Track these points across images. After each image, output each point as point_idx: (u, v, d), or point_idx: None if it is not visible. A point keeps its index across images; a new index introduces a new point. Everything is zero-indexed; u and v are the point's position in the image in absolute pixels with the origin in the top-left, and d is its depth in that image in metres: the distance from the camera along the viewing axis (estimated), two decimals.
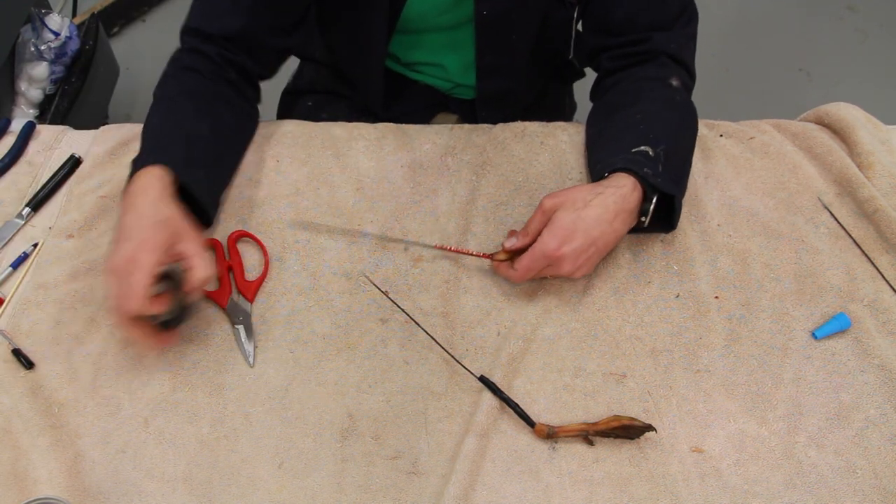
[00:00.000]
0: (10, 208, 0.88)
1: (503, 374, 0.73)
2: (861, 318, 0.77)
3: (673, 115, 0.83)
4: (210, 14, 0.85)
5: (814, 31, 2.29)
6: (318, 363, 0.75)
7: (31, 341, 0.76)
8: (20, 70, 1.58)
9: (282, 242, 0.83)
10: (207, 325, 0.77)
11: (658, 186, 0.75)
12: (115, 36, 2.24)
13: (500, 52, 0.95)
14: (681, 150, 0.82)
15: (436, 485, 0.68)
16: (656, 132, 0.79)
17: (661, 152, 0.77)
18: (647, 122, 0.81)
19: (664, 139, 0.79)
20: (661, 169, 0.76)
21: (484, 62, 0.97)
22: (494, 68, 0.98)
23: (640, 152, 0.77)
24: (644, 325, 0.77)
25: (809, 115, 0.98)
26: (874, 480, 0.68)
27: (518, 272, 0.75)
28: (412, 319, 0.77)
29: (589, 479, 0.68)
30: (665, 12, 0.86)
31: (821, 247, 0.83)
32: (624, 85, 0.87)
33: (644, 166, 0.75)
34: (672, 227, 0.81)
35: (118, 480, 0.68)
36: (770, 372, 0.74)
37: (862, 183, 0.86)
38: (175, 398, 0.73)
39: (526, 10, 0.90)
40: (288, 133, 0.94)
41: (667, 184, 0.76)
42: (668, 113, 0.83)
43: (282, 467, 0.69)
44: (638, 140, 0.78)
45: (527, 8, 0.90)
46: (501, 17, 0.90)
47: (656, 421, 0.71)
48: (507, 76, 1.00)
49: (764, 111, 1.11)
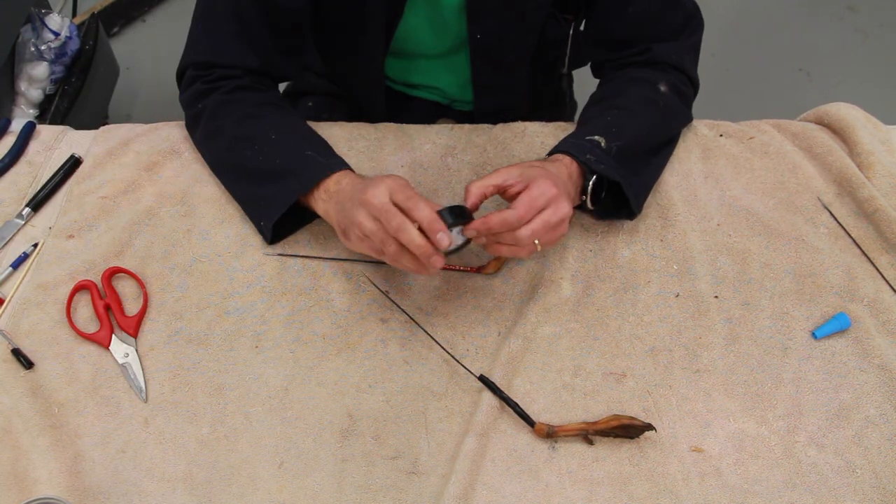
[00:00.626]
0: (10, 208, 0.88)
1: (503, 374, 0.73)
2: (861, 318, 0.77)
3: (648, 114, 0.84)
4: (221, 47, 0.84)
5: (814, 31, 2.29)
6: (318, 363, 0.75)
7: (31, 341, 0.76)
8: (20, 70, 1.58)
9: (282, 242, 0.83)
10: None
11: (598, 171, 0.76)
12: (115, 36, 2.24)
13: (497, 73, 0.95)
14: (643, 146, 0.83)
15: (436, 484, 0.68)
16: (621, 126, 0.80)
17: (616, 146, 0.78)
18: (617, 117, 0.82)
19: (626, 135, 0.79)
20: (612, 159, 0.77)
21: (480, 82, 0.96)
22: (491, 87, 0.97)
23: (592, 140, 0.78)
24: (644, 324, 0.78)
25: (809, 115, 0.98)
26: (874, 480, 0.68)
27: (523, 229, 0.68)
28: (412, 319, 0.77)
29: (589, 479, 0.68)
30: (667, 26, 0.86)
31: (821, 246, 0.83)
32: (615, 83, 0.87)
33: (588, 153, 0.76)
34: (633, 213, 0.82)
35: (118, 480, 0.68)
36: (770, 371, 0.74)
37: (862, 183, 0.86)
38: (175, 398, 0.73)
39: (520, 30, 0.89)
40: None
41: (610, 170, 0.76)
42: (644, 111, 0.83)
43: (282, 467, 0.69)
44: (597, 131, 0.79)
45: (521, 28, 0.89)
46: (496, 39, 0.89)
47: (656, 420, 0.71)
48: (504, 94, 0.99)
49: (764, 111, 1.11)
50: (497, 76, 0.95)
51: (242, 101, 0.83)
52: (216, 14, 0.83)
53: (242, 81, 0.84)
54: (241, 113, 0.82)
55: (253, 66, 0.84)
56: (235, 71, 0.84)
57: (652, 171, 0.85)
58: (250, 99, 0.83)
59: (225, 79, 0.84)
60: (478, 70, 0.94)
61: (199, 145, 0.89)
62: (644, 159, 0.83)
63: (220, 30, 0.83)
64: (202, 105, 0.84)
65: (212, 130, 0.85)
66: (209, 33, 0.84)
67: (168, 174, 0.90)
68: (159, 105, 2.09)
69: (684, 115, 0.90)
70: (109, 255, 0.82)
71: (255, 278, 0.81)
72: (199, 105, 0.85)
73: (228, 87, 0.83)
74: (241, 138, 0.81)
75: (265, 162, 0.79)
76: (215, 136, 0.85)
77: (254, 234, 0.84)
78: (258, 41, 0.83)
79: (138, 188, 0.89)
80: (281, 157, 0.79)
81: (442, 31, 0.90)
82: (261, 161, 0.80)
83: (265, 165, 0.80)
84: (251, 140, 0.81)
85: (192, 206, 0.87)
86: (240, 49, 0.83)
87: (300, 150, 0.79)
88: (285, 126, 0.83)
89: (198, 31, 0.85)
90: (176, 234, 0.85)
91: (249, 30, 0.82)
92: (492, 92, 0.98)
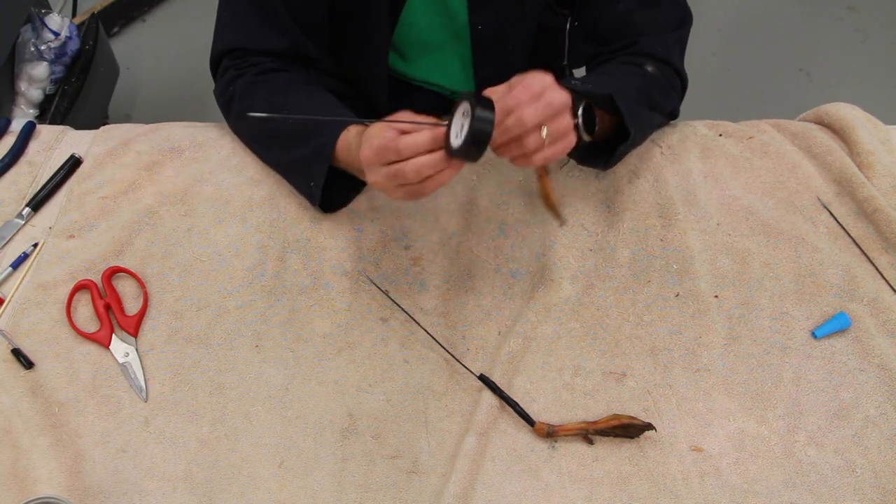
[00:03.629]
0: (10, 208, 0.88)
1: (503, 373, 0.73)
2: (861, 318, 0.77)
3: (632, 77, 0.81)
4: (248, 33, 0.85)
5: (814, 31, 2.29)
6: (319, 362, 0.75)
7: (31, 341, 0.76)
8: (20, 70, 1.58)
9: (283, 241, 0.84)
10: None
11: (585, 90, 0.71)
12: (115, 36, 2.24)
13: (497, 64, 0.95)
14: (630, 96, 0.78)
15: (436, 484, 0.68)
16: (602, 81, 0.77)
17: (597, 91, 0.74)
18: (599, 77, 0.80)
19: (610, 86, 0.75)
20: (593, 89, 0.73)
21: (482, 74, 0.97)
22: (492, 79, 0.97)
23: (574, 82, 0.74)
24: (644, 324, 0.78)
25: (809, 115, 0.98)
26: (874, 479, 0.68)
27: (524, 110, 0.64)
28: (412, 318, 0.77)
29: (589, 478, 0.68)
30: (654, 20, 0.86)
31: (820, 246, 0.83)
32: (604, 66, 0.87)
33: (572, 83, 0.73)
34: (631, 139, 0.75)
35: (118, 480, 0.68)
36: (770, 371, 0.74)
37: (861, 183, 0.86)
38: (175, 397, 0.73)
39: (520, 21, 0.90)
40: None
41: (598, 87, 0.72)
42: (628, 75, 0.82)
43: (282, 466, 0.69)
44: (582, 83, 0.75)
45: (520, 19, 0.90)
46: (496, 30, 0.90)
47: (656, 420, 0.71)
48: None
49: (764, 111, 1.11)
50: (498, 67, 0.95)
51: (270, 81, 0.84)
52: (238, 1, 0.84)
53: (271, 65, 0.85)
54: (269, 90, 0.83)
55: (281, 49, 0.85)
56: (264, 57, 0.85)
57: (643, 114, 0.79)
58: (278, 79, 0.84)
59: (254, 64, 0.85)
60: (479, 62, 0.94)
61: (234, 129, 0.91)
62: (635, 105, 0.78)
63: (244, 15, 0.84)
64: (232, 89, 0.85)
65: (242, 111, 0.85)
66: (234, 20, 0.86)
67: (168, 174, 0.90)
68: (159, 105, 2.09)
69: (672, 98, 0.88)
70: (109, 254, 0.82)
71: (255, 277, 0.81)
72: (230, 89, 0.86)
73: (256, 71, 0.84)
74: (274, 110, 0.82)
75: (295, 125, 0.79)
76: (245, 115, 0.85)
77: (253, 233, 0.84)
78: (282, 23, 0.84)
79: (138, 188, 0.89)
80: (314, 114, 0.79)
81: (445, 18, 0.91)
82: (290, 127, 0.80)
83: (296, 128, 0.80)
84: (283, 108, 0.81)
85: (192, 205, 0.87)
86: (265, 33, 0.84)
87: (329, 110, 0.80)
88: (314, 97, 0.83)
89: (223, 19, 0.86)
90: (176, 233, 0.85)
91: (272, 12, 0.83)
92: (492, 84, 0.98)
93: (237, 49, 0.86)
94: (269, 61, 0.85)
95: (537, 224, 0.85)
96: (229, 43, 0.86)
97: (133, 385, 0.73)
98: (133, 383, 0.73)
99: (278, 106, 0.81)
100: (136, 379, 0.74)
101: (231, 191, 0.88)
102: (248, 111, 0.83)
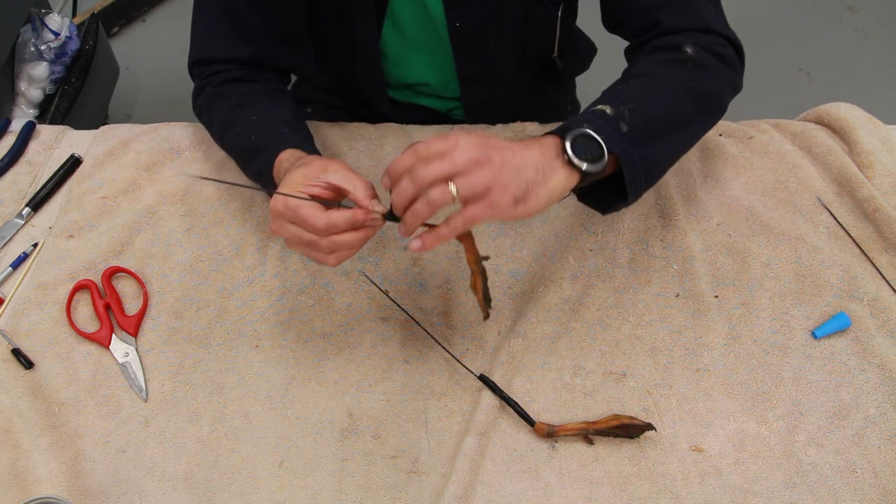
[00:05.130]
0: (10, 208, 0.88)
1: (503, 373, 0.73)
2: (861, 318, 0.77)
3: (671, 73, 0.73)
4: (214, 43, 0.84)
5: (814, 31, 2.29)
6: (319, 362, 0.75)
7: (31, 341, 0.76)
8: (20, 70, 1.58)
9: (283, 241, 0.83)
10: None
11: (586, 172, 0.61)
12: (115, 36, 2.25)
13: (481, 62, 0.94)
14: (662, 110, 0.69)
15: (436, 484, 0.68)
16: (632, 91, 0.70)
17: (628, 109, 0.66)
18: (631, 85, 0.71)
19: (639, 98, 0.68)
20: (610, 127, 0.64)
21: (465, 73, 0.95)
22: (477, 78, 0.96)
23: (593, 111, 0.67)
24: (644, 324, 0.78)
25: (809, 114, 0.98)
26: (874, 479, 0.68)
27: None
28: (412, 318, 0.77)
29: (589, 478, 0.68)
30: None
31: (820, 246, 0.83)
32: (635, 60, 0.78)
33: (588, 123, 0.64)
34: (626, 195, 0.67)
35: (118, 480, 0.68)
36: (770, 371, 0.74)
37: (861, 182, 0.86)
38: (175, 397, 0.73)
39: (501, 16, 0.88)
40: None
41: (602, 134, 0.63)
42: (665, 71, 0.73)
43: (282, 466, 0.69)
44: (604, 101, 0.68)
45: (502, 15, 0.87)
46: (476, 26, 0.88)
47: (656, 420, 0.71)
48: (491, 84, 0.98)
49: (764, 111, 1.11)
50: (482, 65, 0.94)
51: (231, 92, 0.83)
52: (207, 10, 0.84)
53: (234, 74, 0.84)
54: (230, 103, 0.83)
55: (247, 57, 0.84)
56: (230, 65, 0.84)
57: (675, 141, 0.71)
58: (239, 90, 0.84)
59: (218, 72, 0.84)
60: (461, 60, 0.93)
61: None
62: (665, 126, 0.69)
63: (211, 25, 0.84)
64: (200, 101, 0.86)
65: (207, 123, 0.86)
66: (202, 30, 0.85)
67: (168, 174, 0.90)
68: (159, 105, 2.09)
69: (725, 74, 0.76)
70: (109, 254, 0.82)
71: (254, 277, 0.81)
72: (198, 101, 0.86)
73: (219, 80, 0.84)
74: (228, 125, 0.82)
75: (244, 141, 0.79)
76: (211, 127, 0.86)
77: (253, 233, 0.84)
78: (250, 31, 0.83)
79: (138, 188, 0.89)
80: (256, 133, 0.78)
81: (424, 18, 0.90)
82: (241, 141, 0.80)
83: (245, 143, 0.79)
84: (235, 125, 0.81)
85: (192, 205, 0.87)
86: (231, 42, 0.84)
87: (277, 128, 0.78)
88: (269, 110, 0.82)
89: (194, 29, 0.86)
90: (176, 233, 0.85)
91: (241, 21, 0.82)
92: (478, 82, 0.97)
93: (205, 59, 0.85)
94: (234, 69, 0.84)
95: (537, 224, 0.85)
96: (197, 53, 0.85)
97: (133, 385, 0.73)
98: (133, 383, 0.73)
99: (231, 122, 0.81)
100: (136, 379, 0.74)
101: (231, 191, 0.88)
102: (211, 123, 0.85)
